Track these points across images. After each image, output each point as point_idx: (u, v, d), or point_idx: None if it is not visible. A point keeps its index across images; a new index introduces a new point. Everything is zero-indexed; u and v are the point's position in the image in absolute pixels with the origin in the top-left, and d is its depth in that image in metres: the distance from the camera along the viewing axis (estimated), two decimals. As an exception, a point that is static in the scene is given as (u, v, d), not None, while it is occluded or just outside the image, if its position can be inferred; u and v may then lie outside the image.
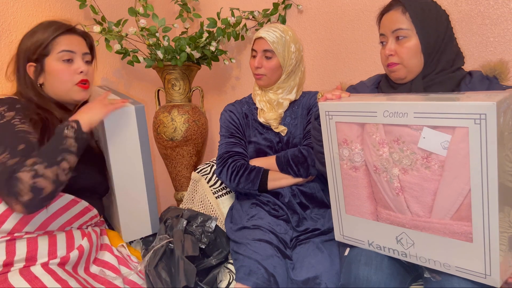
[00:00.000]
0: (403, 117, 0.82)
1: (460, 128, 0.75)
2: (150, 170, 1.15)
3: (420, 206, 0.85)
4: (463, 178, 0.78)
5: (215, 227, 1.19)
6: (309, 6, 1.93)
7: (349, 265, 0.99)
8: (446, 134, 0.77)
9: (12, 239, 0.92)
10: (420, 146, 0.81)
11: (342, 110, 0.92)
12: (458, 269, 0.84)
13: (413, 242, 0.89)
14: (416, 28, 1.00)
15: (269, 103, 1.38)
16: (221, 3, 2.16)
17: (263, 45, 1.33)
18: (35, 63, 1.05)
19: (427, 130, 0.80)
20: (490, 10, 1.48)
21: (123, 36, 1.81)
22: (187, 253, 1.05)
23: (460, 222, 0.81)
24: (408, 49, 1.01)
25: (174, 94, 1.98)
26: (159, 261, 1.04)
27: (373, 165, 0.90)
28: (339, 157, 0.97)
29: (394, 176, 0.87)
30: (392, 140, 0.85)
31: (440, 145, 0.79)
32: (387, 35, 1.05)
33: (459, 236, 0.82)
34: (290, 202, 1.31)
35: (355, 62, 1.82)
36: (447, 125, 0.77)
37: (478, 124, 0.73)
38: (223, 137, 1.43)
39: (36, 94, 1.06)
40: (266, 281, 1.05)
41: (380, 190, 0.91)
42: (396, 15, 1.03)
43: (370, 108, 0.87)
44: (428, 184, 0.83)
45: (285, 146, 1.38)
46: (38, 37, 1.05)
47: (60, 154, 0.89)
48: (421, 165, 0.83)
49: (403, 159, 0.85)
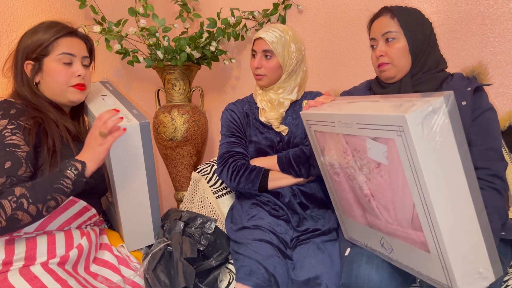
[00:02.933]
0: (351, 128, 0.81)
1: (390, 139, 0.72)
2: (154, 184, 1.12)
3: (387, 213, 0.85)
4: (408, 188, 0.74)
5: (214, 229, 1.19)
6: (309, 6, 1.93)
7: (350, 264, 0.99)
8: (382, 145, 0.75)
9: (11, 239, 0.92)
10: (369, 156, 0.80)
11: (316, 120, 0.93)
12: (428, 278, 0.82)
13: (391, 248, 0.89)
14: (404, 31, 1.08)
15: (270, 103, 1.38)
16: (221, 3, 2.16)
17: (263, 45, 1.33)
18: (33, 62, 1.05)
19: (369, 140, 0.78)
20: (490, 10, 1.48)
21: (123, 36, 1.81)
22: (186, 255, 1.05)
23: (418, 232, 0.78)
24: (397, 50, 1.09)
25: (174, 94, 1.98)
26: (157, 264, 1.04)
27: (346, 172, 0.91)
28: (324, 163, 0.99)
29: (363, 183, 0.87)
30: (353, 149, 0.85)
31: (383, 155, 0.77)
32: (377, 38, 1.13)
33: (420, 246, 0.79)
34: (290, 202, 1.31)
35: (355, 62, 1.82)
36: (382, 136, 0.74)
37: (400, 136, 0.69)
38: (224, 136, 1.43)
39: (31, 93, 1.05)
40: (266, 281, 1.05)
41: (358, 195, 0.92)
42: (385, 20, 1.11)
43: (329, 118, 0.87)
44: (387, 192, 0.81)
45: (286, 145, 1.38)
46: (40, 36, 1.04)
47: (52, 192, 0.89)
48: (376, 173, 0.81)
49: (363, 167, 0.84)
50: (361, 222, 0.96)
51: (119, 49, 1.84)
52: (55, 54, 1.05)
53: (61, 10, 1.77)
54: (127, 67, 2.05)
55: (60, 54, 1.05)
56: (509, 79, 1.48)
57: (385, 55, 1.10)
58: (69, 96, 1.08)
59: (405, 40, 1.08)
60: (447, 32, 1.58)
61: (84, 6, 1.75)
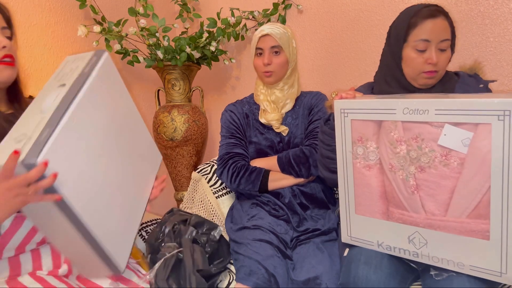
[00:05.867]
0: (423, 114, 0.83)
1: (483, 125, 0.76)
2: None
3: (436, 204, 0.86)
4: (483, 175, 0.79)
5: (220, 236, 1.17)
6: (309, 6, 1.93)
7: (349, 264, 0.99)
8: (467, 131, 0.79)
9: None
10: (440, 143, 0.82)
11: (359, 108, 0.92)
12: (473, 267, 0.85)
13: (426, 242, 0.90)
14: (452, 40, 1.05)
15: (274, 103, 1.38)
16: (221, 3, 2.16)
17: (270, 41, 1.32)
18: None
19: (449, 127, 0.81)
20: (490, 10, 1.48)
21: (123, 36, 1.81)
22: (198, 266, 1.02)
23: (477, 220, 0.81)
24: (446, 59, 1.06)
25: (174, 94, 1.98)
26: (170, 273, 1.00)
27: (389, 163, 0.91)
28: (352, 155, 0.97)
29: (410, 174, 0.88)
30: (411, 137, 0.86)
31: (461, 142, 0.80)
32: (432, 41, 1.03)
33: (476, 234, 0.82)
34: (290, 202, 1.31)
35: (355, 62, 1.82)
36: (470, 122, 0.78)
37: (501, 120, 0.74)
38: (224, 137, 1.43)
39: None
40: (266, 281, 1.05)
41: (395, 188, 0.91)
42: (444, 24, 1.03)
43: (389, 105, 0.87)
44: (446, 182, 0.83)
45: (286, 146, 1.38)
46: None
47: None
48: (439, 162, 0.83)
49: (421, 157, 0.86)
50: (382, 218, 0.96)
51: (119, 49, 1.84)
52: None
53: (61, 10, 1.77)
54: (127, 67, 2.05)
55: None
56: (509, 79, 1.48)
57: (437, 64, 1.04)
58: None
59: (450, 50, 1.06)
60: (447, 32, 1.58)
61: (84, 6, 1.75)
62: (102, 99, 0.82)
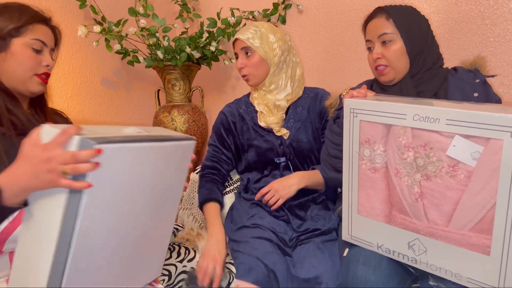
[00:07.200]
0: (434, 123, 0.80)
1: (495, 140, 0.74)
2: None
3: (439, 214, 0.84)
4: (490, 191, 0.77)
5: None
6: (309, 6, 1.93)
7: (348, 265, 0.99)
8: (478, 145, 0.76)
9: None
10: (448, 154, 0.80)
11: (369, 109, 0.90)
12: (470, 280, 0.83)
13: (425, 249, 0.88)
14: (400, 32, 1.06)
15: (267, 107, 1.36)
16: (221, 3, 2.16)
17: (240, 44, 1.32)
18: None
19: (459, 138, 0.78)
20: (490, 10, 1.48)
21: (123, 36, 1.81)
22: None
23: (479, 235, 0.80)
24: (394, 52, 1.07)
25: (174, 94, 1.98)
26: None
27: (395, 168, 0.89)
28: (358, 156, 0.95)
29: (416, 182, 0.86)
30: (419, 145, 0.84)
31: (470, 155, 0.77)
32: (373, 40, 1.11)
33: (476, 248, 0.81)
34: (290, 206, 1.31)
35: (355, 62, 1.82)
36: (481, 136, 0.75)
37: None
38: (210, 141, 1.47)
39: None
40: (266, 277, 1.05)
41: (399, 194, 0.90)
42: (380, 21, 1.09)
43: (400, 110, 0.85)
44: (451, 193, 0.82)
45: (287, 149, 1.36)
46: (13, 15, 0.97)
47: None
48: (446, 173, 0.81)
49: (428, 165, 0.84)
50: (384, 221, 0.95)
51: (119, 49, 1.84)
52: (28, 37, 0.98)
53: (61, 10, 1.77)
54: (127, 67, 2.05)
55: (33, 39, 0.98)
56: (509, 79, 1.48)
57: (382, 58, 1.09)
58: (30, 85, 1.00)
59: (402, 41, 1.06)
60: (447, 32, 1.58)
61: (84, 6, 1.75)
62: (166, 163, 0.82)
